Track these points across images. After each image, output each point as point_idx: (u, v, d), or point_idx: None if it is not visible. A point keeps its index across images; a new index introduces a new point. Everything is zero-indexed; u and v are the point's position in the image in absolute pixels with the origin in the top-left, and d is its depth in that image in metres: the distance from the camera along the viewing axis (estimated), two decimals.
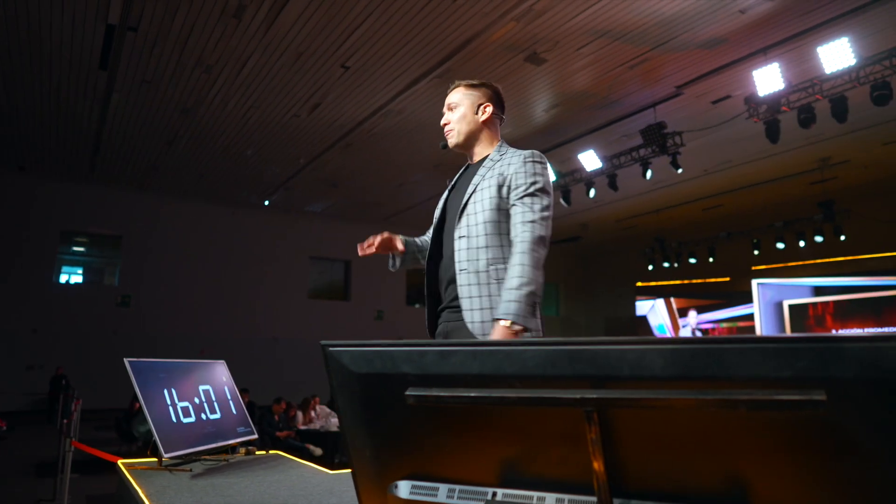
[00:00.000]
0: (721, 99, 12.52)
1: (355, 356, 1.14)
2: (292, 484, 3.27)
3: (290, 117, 13.83)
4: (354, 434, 1.19)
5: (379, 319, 23.17)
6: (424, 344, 1.09)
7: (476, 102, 2.20)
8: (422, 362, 1.08)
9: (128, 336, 18.68)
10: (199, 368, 4.10)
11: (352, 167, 17.15)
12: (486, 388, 1.03)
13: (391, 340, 1.11)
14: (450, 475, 1.14)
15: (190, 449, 3.54)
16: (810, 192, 17.66)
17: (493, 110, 2.20)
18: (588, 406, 0.94)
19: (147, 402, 3.46)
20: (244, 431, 4.12)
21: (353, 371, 1.15)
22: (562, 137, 14.77)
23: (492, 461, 1.10)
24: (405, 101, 12.88)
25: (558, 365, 0.99)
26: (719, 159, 15.89)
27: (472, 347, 1.06)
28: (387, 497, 1.19)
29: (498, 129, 2.26)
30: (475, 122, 2.19)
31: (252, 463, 3.99)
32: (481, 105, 2.20)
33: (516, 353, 1.02)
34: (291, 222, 21.75)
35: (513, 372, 1.02)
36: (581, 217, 21.77)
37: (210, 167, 17.37)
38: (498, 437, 1.08)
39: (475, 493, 1.10)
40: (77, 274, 20.98)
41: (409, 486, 1.15)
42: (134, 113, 13.63)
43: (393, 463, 1.17)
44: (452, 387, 1.06)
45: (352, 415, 1.18)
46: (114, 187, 18.98)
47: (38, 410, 16.53)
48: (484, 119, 2.18)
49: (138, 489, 2.97)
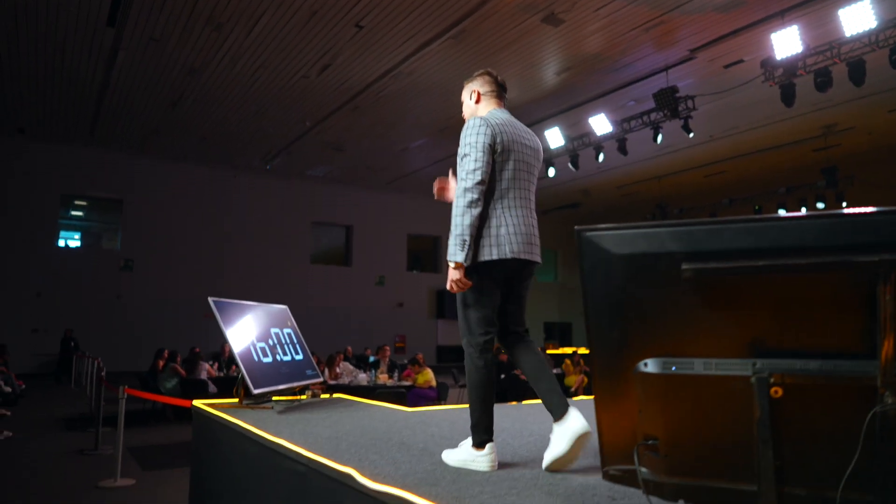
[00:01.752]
0: (734, 63, 12.51)
1: (617, 238, 1.20)
2: (371, 419, 3.37)
3: (298, 78, 13.65)
4: (603, 315, 1.26)
5: (380, 285, 23.25)
6: (694, 223, 1.15)
7: (470, 92, 2.65)
8: (692, 240, 1.14)
9: (131, 300, 18.64)
10: (269, 312, 4.16)
11: (357, 130, 17.01)
12: (762, 260, 1.09)
13: (655, 221, 1.17)
14: (702, 351, 1.21)
15: (273, 387, 3.61)
16: (814, 159, 17.81)
17: (478, 92, 2.61)
18: (884, 268, 1.01)
19: (233, 341, 3.52)
20: (311, 374, 4.20)
21: (612, 253, 1.21)
22: (572, 101, 14.73)
23: (752, 333, 1.17)
24: (416, 63, 12.75)
25: (840, 235, 1.06)
26: (726, 125, 15.94)
27: (746, 224, 1.12)
28: (630, 376, 1.27)
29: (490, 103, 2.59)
30: (471, 106, 2.62)
31: (323, 403, 4.08)
32: (472, 92, 2.63)
33: (794, 226, 1.09)
34: (293, 186, 21.63)
35: (790, 244, 1.09)
36: (583, 183, 21.83)
37: (213, 130, 17.15)
38: (763, 310, 1.15)
39: (735, 365, 1.17)
40: (74, 238, 20.78)
41: (660, 363, 1.22)
42: (139, 73, 13.37)
43: (643, 341, 1.24)
44: (724, 261, 1.12)
45: (604, 296, 1.24)
46: (114, 150, 18.71)
47: (44, 373, 16.55)
48: (475, 101, 2.60)
49: (239, 423, 3.05)
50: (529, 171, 2.47)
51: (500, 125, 2.40)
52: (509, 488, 1.79)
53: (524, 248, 2.33)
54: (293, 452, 2.38)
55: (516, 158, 2.39)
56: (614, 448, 1.36)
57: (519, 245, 2.30)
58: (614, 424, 1.34)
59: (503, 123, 2.42)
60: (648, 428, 1.27)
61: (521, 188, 2.40)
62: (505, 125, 2.41)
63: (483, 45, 11.88)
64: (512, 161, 2.37)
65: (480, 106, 2.60)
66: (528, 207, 2.43)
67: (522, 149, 2.42)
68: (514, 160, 2.38)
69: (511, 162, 2.37)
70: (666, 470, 1.28)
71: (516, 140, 2.41)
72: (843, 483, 1.08)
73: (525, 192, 2.42)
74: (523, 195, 2.40)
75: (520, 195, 2.38)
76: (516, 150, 2.39)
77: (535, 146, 2.53)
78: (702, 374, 1.19)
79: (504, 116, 2.48)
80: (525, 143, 2.45)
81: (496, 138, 2.34)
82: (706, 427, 1.24)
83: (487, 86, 2.63)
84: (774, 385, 1.11)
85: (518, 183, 2.39)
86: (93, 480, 5.30)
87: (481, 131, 2.33)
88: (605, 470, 1.40)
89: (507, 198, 2.35)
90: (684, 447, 1.26)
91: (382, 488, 1.77)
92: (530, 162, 2.47)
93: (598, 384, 1.33)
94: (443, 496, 1.68)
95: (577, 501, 1.65)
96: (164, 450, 6.89)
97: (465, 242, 2.23)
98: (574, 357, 12.20)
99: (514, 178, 2.37)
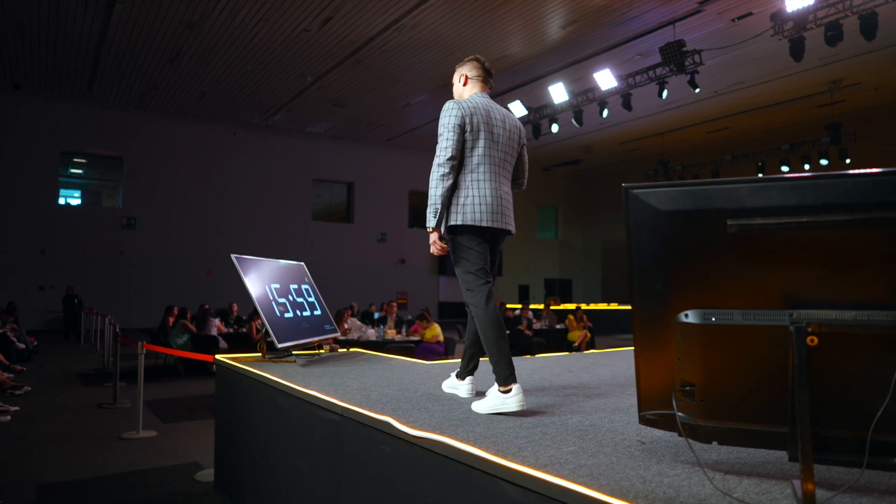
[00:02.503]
0: (744, 16, 12.32)
1: (663, 196, 1.26)
2: (394, 372, 3.48)
3: (299, 32, 13.42)
4: (647, 269, 1.32)
5: (382, 241, 23.34)
6: (739, 181, 1.20)
7: (459, 75, 2.89)
8: (737, 197, 1.20)
9: (134, 257, 18.74)
10: (288, 269, 4.23)
11: (359, 86, 16.82)
12: (805, 217, 1.15)
13: (702, 180, 1.23)
14: (740, 303, 1.28)
15: (295, 342, 3.71)
16: (818, 115, 17.69)
17: (466, 76, 2.86)
18: None
19: (256, 296, 3.59)
20: (330, 329, 4.30)
21: (659, 209, 1.26)
22: (577, 55, 14.53)
23: (789, 286, 1.23)
24: (421, 15, 12.53)
25: (881, 192, 1.11)
26: (732, 80, 15.77)
27: (790, 182, 1.17)
28: (670, 327, 1.34)
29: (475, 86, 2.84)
30: (459, 88, 2.89)
31: (342, 357, 4.19)
32: (461, 76, 2.88)
33: (839, 184, 1.14)
34: (293, 143, 21.49)
35: (835, 200, 1.14)
36: (584, 139, 21.70)
37: (212, 86, 16.95)
38: (800, 264, 1.21)
39: (772, 316, 1.24)
40: (74, 196, 20.73)
41: (700, 314, 1.29)
42: (137, 26, 13.14)
43: (684, 294, 1.31)
44: (769, 218, 1.18)
45: (649, 250, 1.30)
46: (112, 107, 18.51)
47: (51, 329, 16.76)
48: (463, 83, 2.86)
49: (266, 374, 3.15)
50: (502, 150, 2.68)
51: (473, 108, 2.63)
52: (542, 434, 1.88)
53: (489, 216, 2.56)
54: (327, 402, 2.47)
55: (486, 137, 2.61)
56: (651, 394, 1.45)
57: (484, 214, 2.55)
58: (652, 372, 1.42)
59: (476, 106, 2.64)
60: (686, 375, 1.35)
61: (493, 164, 2.63)
62: (478, 108, 2.64)
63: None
64: (483, 140, 2.61)
65: (466, 89, 2.86)
66: (499, 181, 2.65)
67: (494, 129, 2.65)
68: (485, 139, 2.61)
69: (482, 140, 2.60)
70: (702, 414, 1.37)
71: (488, 121, 2.63)
72: (874, 425, 1.17)
73: (496, 167, 2.64)
74: (493, 170, 2.62)
75: (490, 170, 2.61)
76: (486, 130, 2.62)
77: (510, 126, 2.73)
78: (740, 324, 1.26)
79: (481, 100, 2.71)
80: (497, 123, 2.67)
81: (465, 119, 2.59)
82: (742, 374, 1.31)
83: (475, 71, 2.86)
84: (811, 334, 1.18)
85: (489, 159, 2.61)
86: (116, 432, 5.47)
87: (452, 113, 2.59)
88: (641, 414, 1.49)
89: (478, 172, 2.59)
90: (720, 393, 1.34)
91: (422, 433, 1.87)
92: (502, 141, 2.68)
93: (638, 334, 1.40)
94: (480, 441, 1.77)
95: (608, 444, 1.75)
96: (181, 402, 7.07)
97: (437, 211, 2.54)
98: (577, 313, 12.37)
99: (485, 155, 2.61)
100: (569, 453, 1.66)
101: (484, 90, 2.83)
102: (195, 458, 4.71)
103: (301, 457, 2.72)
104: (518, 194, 3.02)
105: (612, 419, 2.13)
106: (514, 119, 2.80)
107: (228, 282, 16.42)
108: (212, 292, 17.86)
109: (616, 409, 2.35)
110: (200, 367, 9.03)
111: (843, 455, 1.24)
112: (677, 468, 1.50)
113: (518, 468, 1.51)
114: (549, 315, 13.30)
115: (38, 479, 4.20)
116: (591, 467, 1.51)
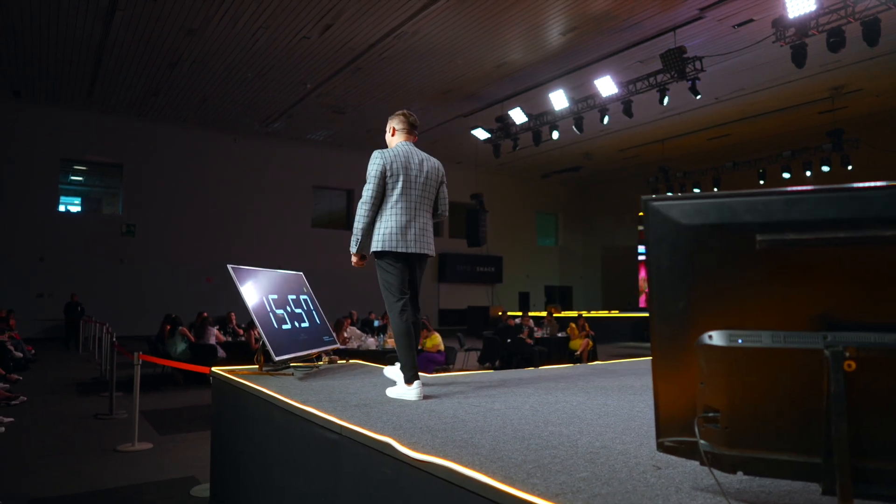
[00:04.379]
0: (744, 23, 12.28)
1: (686, 208, 1.17)
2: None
3: (299, 39, 13.39)
4: (667, 286, 1.23)
5: None
6: (769, 193, 1.11)
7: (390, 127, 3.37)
8: (767, 210, 1.11)
9: (134, 264, 18.65)
10: (286, 278, 4.14)
11: (358, 93, 16.78)
12: (843, 232, 1.06)
13: (728, 191, 1.14)
14: (767, 323, 1.18)
15: (293, 354, 3.61)
16: (819, 122, 17.63)
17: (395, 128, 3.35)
18: None
19: (252, 308, 3.50)
20: (329, 340, 4.21)
21: (681, 223, 1.17)
22: (578, 62, 14.49)
23: (823, 306, 1.14)
24: (421, 23, 12.49)
25: None
26: (733, 87, 15.73)
27: (826, 193, 1.08)
28: (692, 348, 1.24)
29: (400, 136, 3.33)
30: (388, 137, 3.38)
31: (342, 369, 4.09)
32: (391, 128, 3.37)
33: (880, 196, 1.05)
34: (293, 150, 21.43)
35: (875, 214, 1.05)
36: (585, 146, 21.63)
37: (212, 93, 16.91)
38: (835, 282, 1.12)
39: (805, 338, 1.14)
40: (74, 203, 20.67)
41: (726, 335, 1.20)
42: (137, 33, 13.10)
43: (707, 313, 1.21)
44: (802, 232, 1.09)
45: (670, 267, 1.21)
46: (112, 114, 18.47)
47: (51, 338, 16.65)
48: (391, 134, 3.37)
49: (264, 390, 3.05)
50: (419, 188, 3.19)
51: (394, 156, 3.15)
52: (552, 458, 1.79)
53: (401, 243, 3.08)
54: (325, 420, 2.38)
55: (404, 180, 3.13)
56: (671, 420, 1.35)
57: (399, 242, 3.08)
58: (672, 397, 1.33)
59: (397, 154, 3.16)
60: (710, 400, 1.26)
61: (410, 200, 3.14)
62: (398, 155, 3.15)
63: (488, 4, 11.61)
64: (401, 182, 3.12)
65: (393, 139, 3.36)
66: (415, 214, 3.15)
67: (411, 172, 3.16)
68: (403, 181, 3.13)
69: (400, 183, 3.12)
70: (726, 442, 1.27)
71: (406, 166, 3.14)
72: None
73: (415, 203, 3.16)
74: (410, 205, 3.14)
75: (406, 205, 3.13)
76: (405, 174, 3.14)
77: (427, 169, 3.23)
78: (770, 346, 1.17)
79: (403, 148, 3.21)
80: (415, 167, 3.18)
81: (386, 166, 3.11)
82: (771, 400, 1.22)
83: (401, 124, 3.35)
84: (849, 359, 1.09)
85: (405, 197, 3.13)
86: (111, 444, 5.36)
87: (376, 163, 3.13)
88: (660, 441, 1.39)
89: (396, 207, 3.11)
90: (746, 420, 1.25)
91: (424, 457, 1.77)
92: (420, 181, 3.19)
93: (657, 356, 1.31)
94: (486, 465, 1.68)
95: (621, 469, 1.66)
96: (178, 413, 6.97)
97: (358, 240, 3.18)
98: (579, 321, 12.26)
99: (403, 194, 3.12)
100: (581, 480, 1.56)
101: (408, 139, 3.32)
102: (191, 471, 4.61)
103: (298, 475, 2.63)
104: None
105: (624, 440, 2.04)
106: (433, 162, 3.29)
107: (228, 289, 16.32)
108: (211, 300, 17.75)
109: (626, 428, 2.26)
110: (199, 376, 8.91)
111: (883, 489, 1.14)
112: (698, 497, 1.41)
113: (529, 498, 1.41)
114: (552, 323, 13.19)
115: (30, 493, 4.10)
116: (606, 497, 1.42)
